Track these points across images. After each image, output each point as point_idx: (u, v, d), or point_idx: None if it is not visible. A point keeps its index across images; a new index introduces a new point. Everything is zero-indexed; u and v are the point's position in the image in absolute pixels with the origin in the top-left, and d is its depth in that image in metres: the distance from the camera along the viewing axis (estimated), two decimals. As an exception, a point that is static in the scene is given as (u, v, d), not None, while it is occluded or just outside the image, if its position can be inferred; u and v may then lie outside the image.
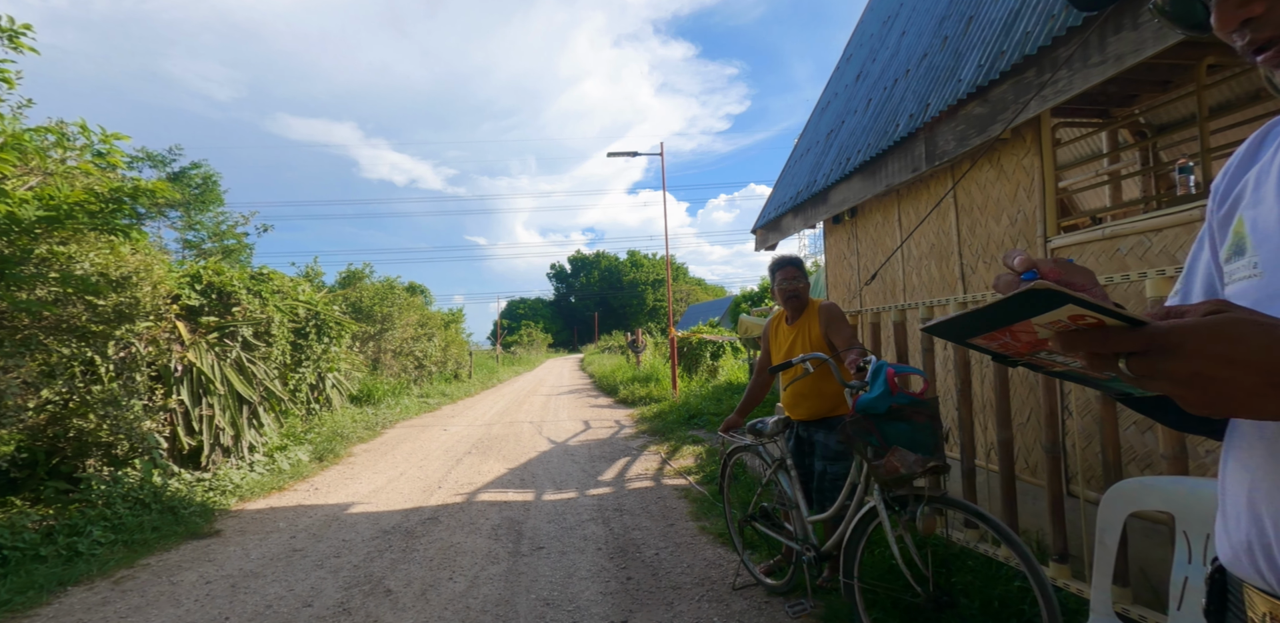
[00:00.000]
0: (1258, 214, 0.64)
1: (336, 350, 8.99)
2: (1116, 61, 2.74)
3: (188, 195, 19.67)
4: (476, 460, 6.92)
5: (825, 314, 3.00)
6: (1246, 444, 0.61)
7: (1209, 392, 0.47)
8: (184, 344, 5.85)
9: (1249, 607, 0.62)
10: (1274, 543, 0.58)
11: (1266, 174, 0.65)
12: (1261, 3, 0.54)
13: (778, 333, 3.22)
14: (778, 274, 3.13)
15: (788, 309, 3.15)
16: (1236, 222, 0.67)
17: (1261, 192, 0.64)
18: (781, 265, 3.14)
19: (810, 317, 3.07)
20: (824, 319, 2.99)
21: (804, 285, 3.08)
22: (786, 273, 3.10)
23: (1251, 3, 0.54)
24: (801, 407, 3.04)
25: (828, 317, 2.99)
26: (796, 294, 3.07)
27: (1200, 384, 0.47)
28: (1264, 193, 0.64)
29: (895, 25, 6.36)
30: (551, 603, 3.11)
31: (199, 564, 3.81)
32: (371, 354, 13.65)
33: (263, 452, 6.37)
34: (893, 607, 2.58)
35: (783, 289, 3.09)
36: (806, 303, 3.11)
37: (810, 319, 3.06)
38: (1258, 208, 0.64)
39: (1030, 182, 3.59)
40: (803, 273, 3.11)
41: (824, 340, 2.99)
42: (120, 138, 4.90)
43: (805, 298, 3.10)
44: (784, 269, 3.11)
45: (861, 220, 5.63)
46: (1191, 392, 0.47)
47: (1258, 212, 0.64)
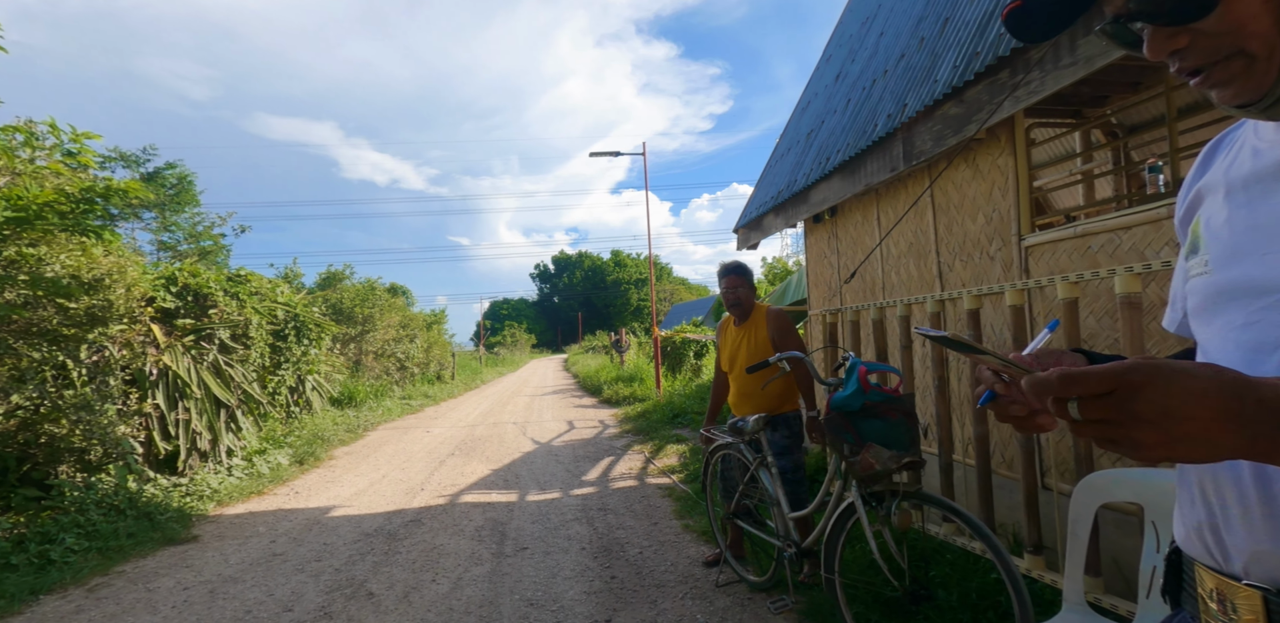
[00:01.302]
0: (1210, 216, 0.69)
1: (316, 353, 8.89)
2: (1086, 63, 2.79)
3: (162, 196, 19.32)
4: (460, 462, 6.89)
5: (776, 321, 3.23)
6: None
7: (1172, 431, 0.47)
8: (159, 347, 5.75)
9: (1199, 584, 0.65)
10: (1221, 524, 0.62)
11: (1217, 180, 0.70)
12: (1185, 37, 0.58)
13: (726, 335, 3.45)
14: (722, 282, 3.36)
15: (733, 314, 3.39)
16: (1194, 222, 0.73)
17: (1213, 196, 0.70)
18: (725, 274, 3.36)
19: (758, 321, 3.28)
20: (774, 325, 3.22)
21: (746, 294, 3.31)
22: (730, 282, 3.32)
23: (1177, 36, 0.58)
24: (747, 406, 3.25)
25: (778, 324, 3.22)
26: (739, 302, 3.31)
27: (1166, 423, 0.47)
28: (1215, 197, 0.69)
29: (874, 26, 6.43)
30: (535, 603, 3.10)
31: (176, 570, 3.75)
32: (353, 356, 13.52)
33: (241, 456, 6.29)
34: (873, 601, 2.62)
35: (726, 297, 3.33)
36: (750, 308, 3.33)
37: (758, 323, 3.28)
38: (1210, 210, 0.70)
39: (1005, 181, 3.65)
40: (745, 281, 3.34)
41: (770, 344, 3.21)
42: (91, 137, 4.81)
43: (748, 304, 3.33)
44: (728, 278, 3.33)
45: (841, 219, 5.68)
46: (1151, 431, 0.47)
47: (1210, 214, 0.69)
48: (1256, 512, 0.58)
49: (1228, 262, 0.64)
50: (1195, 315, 0.70)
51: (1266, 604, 0.56)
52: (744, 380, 3.22)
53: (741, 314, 3.33)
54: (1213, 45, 0.57)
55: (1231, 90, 0.59)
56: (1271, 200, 0.61)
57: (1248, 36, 0.56)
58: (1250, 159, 0.66)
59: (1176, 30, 0.58)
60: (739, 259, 3.59)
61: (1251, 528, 0.58)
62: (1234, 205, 0.66)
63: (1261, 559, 0.57)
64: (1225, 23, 0.56)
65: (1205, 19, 0.56)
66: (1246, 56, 0.57)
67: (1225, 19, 0.55)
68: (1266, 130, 0.65)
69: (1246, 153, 0.67)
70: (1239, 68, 0.58)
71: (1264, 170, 0.63)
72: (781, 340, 3.19)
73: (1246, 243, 0.62)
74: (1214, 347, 0.66)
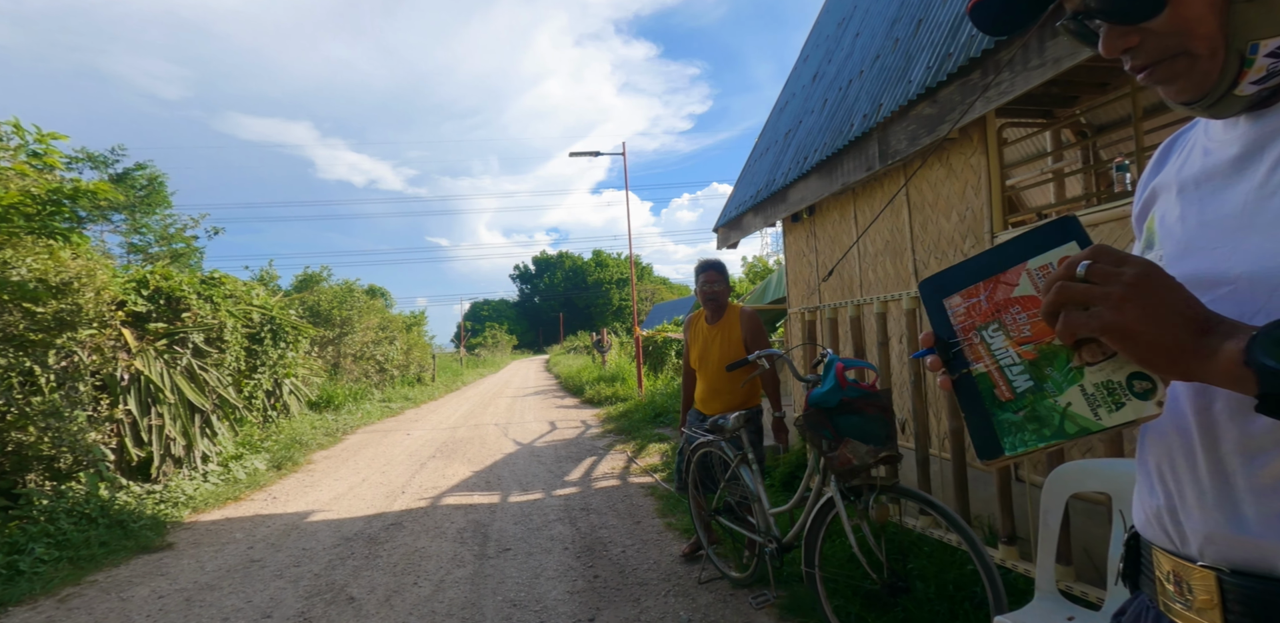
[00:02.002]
0: (1164, 213, 0.72)
1: (293, 355, 8.77)
2: (1055, 64, 2.85)
3: (132, 197, 18.91)
4: (441, 464, 6.84)
5: (750, 322, 3.27)
6: (1159, 423, 0.67)
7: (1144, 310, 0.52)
8: (130, 352, 5.64)
9: (1157, 567, 0.68)
10: (1178, 508, 0.64)
11: (1170, 178, 0.73)
12: (1136, 35, 0.61)
13: (696, 332, 3.45)
14: (700, 277, 3.36)
15: (707, 310, 3.39)
16: (1149, 219, 0.75)
17: (1167, 194, 0.73)
18: (704, 269, 3.36)
19: (731, 320, 3.32)
20: (748, 326, 3.27)
21: (723, 289, 3.33)
22: (709, 277, 3.33)
23: (1129, 35, 0.62)
24: (716, 402, 3.31)
25: (752, 325, 3.27)
26: (716, 297, 3.32)
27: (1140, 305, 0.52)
28: (1169, 195, 0.72)
29: (850, 27, 6.50)
30: (518, 604, 3.10)
31: (151, 579, 3.68)
32: (331, 359, 13.36)
33: (217, 461, 6.18)
34: (853, 594, 2.65)
35: (704, 291, 3.33)
36: (725, 306, 3.36)
37: (731, 322, 3.31)
38: (1164, 208, 0.73)
39: (978, 179, 3.72)
40: (724, 277, 3.36)
41: (742, 344, 3.26)
42: (58, 137, 4.70)
43: (724, 301, 3.36)
44: (706, 273, 3.34)
45: (819, 218, 5.74)
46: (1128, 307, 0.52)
47: (1164, 211, 0.72)
48: (1211, 496, 0.60)
49: (1181, 257, 0.67)
50: None
51: (1220, 584, 0.58)
52: (715, 378, 3.26)
53: (716, 311, 3.36)
54: (1161, 44, 0.60)
55: (1175, 87, 0.62)
56: (1220, 198, 0.64)
57: (1193, 37, 0.59)
58: (1201, 158, 0.69)
59: (1129, 29, 0.61)
60: (717, 257, 3.60)
61: (1206, 512, 0.60)
62: (1186, 203, 0.68)
63: (1216, 541, 0.59)
64: (1173, 23, 0.59)
65: (1155, 19, 0.59)
66: (1190, 56, 0.60)
67: (1173, 20, 0.58)
68: (1216, 130, 0.68)
69: (1198, 152, 0.70)
70: (1183, 66, 0.61)
71: (1213, 169, 0.66)
72: (754, 341, 3.24)
73: (1198, 238, 0.65)
74: None
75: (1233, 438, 0.58)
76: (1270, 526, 0.55)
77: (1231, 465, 0.58)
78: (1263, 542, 0.56)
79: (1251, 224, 0.59)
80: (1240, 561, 0.58)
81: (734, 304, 3.38)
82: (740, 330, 3.28)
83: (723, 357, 3.27)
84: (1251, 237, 0.59)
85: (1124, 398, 0.55)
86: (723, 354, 3.28)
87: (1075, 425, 0.58)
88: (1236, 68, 0.58)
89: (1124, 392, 0.55)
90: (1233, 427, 0.58)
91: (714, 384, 3.30)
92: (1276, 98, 0.61)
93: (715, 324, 3.37)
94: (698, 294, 3.39)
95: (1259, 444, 0.56)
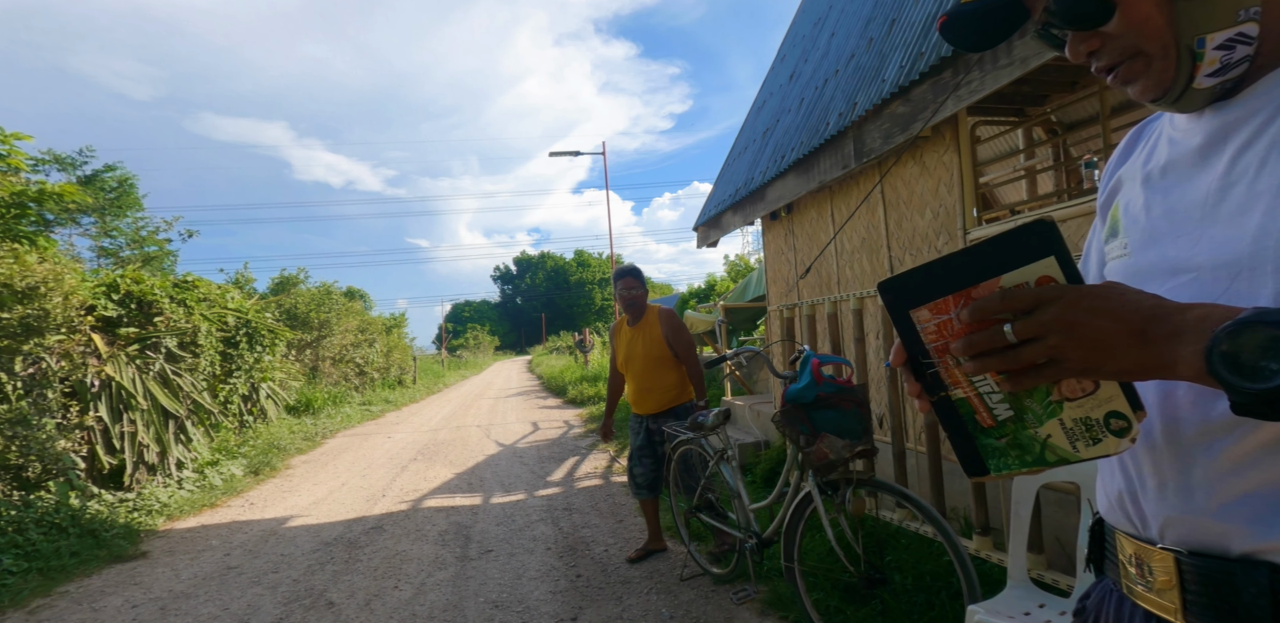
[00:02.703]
0: (1129, 201, 0.73)
1: (270, 359, 8.65)
2: (1022, 63, 2.90)
3: (102, 200, 18.48)
4: (422, 467, 6.78)
5: (668, 320, 3.44)
6: None
7: (1084, 342, 0.52)
8: (101, 357, 5.52)
9: (1120, 551, 0.69)
10: (1139, 492, 0.65)
11: (1135, 168, 0.75)
12: (1096, 40, 0.64)
13: (620, 335, 3.61)
14: (619, 283, 3.51)
15: (629, 314, 3.53)
16: (1114, 208, 0.77)
17: (1132, 183, 0.74)
18: (623, 275, 3.52)
19: (651, 319, 3.48)
20: (666, 324, 3.42)
21: (641, 294, 3.50)
22: (627, 283, 3.49)
23: (1089, 39, 0.64)
24: (648, 401, 3.46)
25: (670, 322, 3.43)
26: (635, 302, 3.49)
27: (1077, 334, 0.52)
28: (1134, 184, 0.74)
29: (825, 26, 6.55)
30: (500, 605, 3.09)
31: (124, 588, 3.61)
32: (309, 362, 13.19)
33: (192, 468, 6.08)
34: (832, 587, 2.68)
35: (624, 297, 3.48)
36: (644, 309, 3.52)
37: (651, 322, 3.47)
38: (1129, 196, 0.74)
39: (950, 177, 3.77)
40: (641, 282, 3.53)
41: (664, 340, 3.41)
42: (22, 138, 4.59)
43: (643, 304, 3.52)
44: (624, 279, 3.50)
45: (797, 216, 5.78)
46: (1069, 342, 0.52)
47: (1129, 199, 0.74)
48: (1171, 480, 0.61)
49: (1145, 245, 0.68)
50: None
51: (1179, 566, 0.60)
52: (642, 376, 3.43)
53: (636, 314, 3.50)
54: (1118, 46, 0.63)
55: (1139, 87, 0.64)
56: (1184, 186, 0.66)
57: (1144, 37, 0.61)
58: (1166, 148, 0.70)
59: (1088, 34, 0.64)
60: (633, 263, 3.88)
61: (1166, 495, 0.62)
62: (1150, 191, 0.70)
63: (1175, 524, 0.61)
64: (1124, 25, 0.61)
65: (1108, 23, 0.62)
66: (1146, 56, 0.62)
67: (1124, 22, 0.61)
68: (1180, 120, 0.69)
69: (1163, 142, 0.72)
70: (1141, 66, 0.63)
71: (1178, 158, 0.68)
72: (674, 337, 3.39)
73: (1162, 226, 0.67)
74: None
75: (1193, 423, 0.59)
76: (1227, 508, 0.57)
77: (1191, 450, 0.60)
78: (1219, 523, 0.57)
79: (1214, 213, 0.61)
80: (1198, 542, 0.59)
81: (653, 305, 3.55)
82: (660, 328, 3.42)
83: (646, 355, 3.41)
84: (1214, 226, 0.61)
85: (1101, 435, 0.57)
86: (646, 353, 3.41)
87: (1055, 455, 0.59)
88: (1190, 63, 0.60)
89: (1101, 429, 0.57)
90: (1194, 412, 0.59)
91: (642, 383, 3.44)
92: (1238, 89, 0.62)
93: (636, 326, 3.51)
94: (617, 299, 3.53)
95: (1218, 429, 0.57)
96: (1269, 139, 0.58)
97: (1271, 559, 0.54)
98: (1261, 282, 0.55)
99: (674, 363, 3.44)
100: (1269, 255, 0.55)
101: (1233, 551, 0.57)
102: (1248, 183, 0.59)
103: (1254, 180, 0.58)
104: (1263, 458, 0.55)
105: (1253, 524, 0.55)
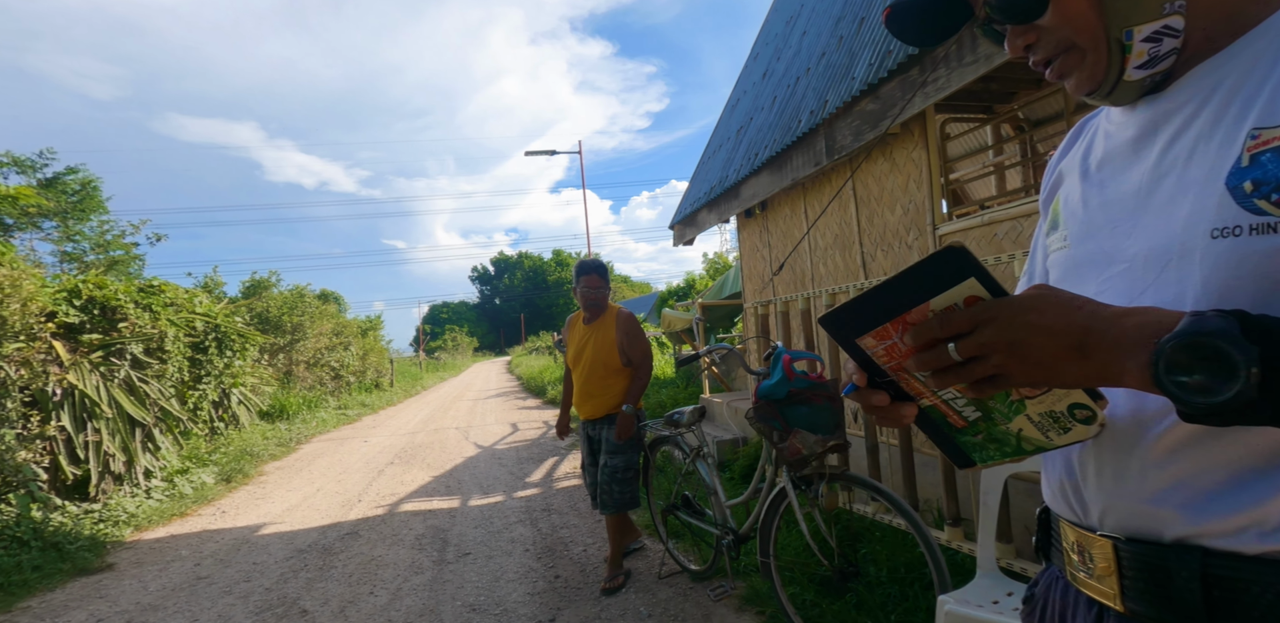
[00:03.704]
0: (1068, 195, 0.75)
1: (241, 364, 8.48)
2: (986, 60, 2.94)
3: (63, 203, 17.99)
4: (399, 471, 6.70)
5: (626, 324, 3.22)
6: None
7: (1026, 360, 0.53)
8: (63, 365, 5.36)
9: (1063, 538, 0.71)
10: (1079, 481, 0.67)
11: (1074, 162, 0.76)
12: (1033, 34, 0.65)
13: (574, 332, 3.40)
14: (582, 280, 3.26)
15: (587, 312, 3.31)
16: (1055, 201, 0.78)
17: (1071, 177, 0.76)
18: (586, 272, 3.27)
19: (608, 321, 3.26)
20: (623, 329, 3.21)
21: (604, 293, 3.27)
22: (590, 281, 3.24)
23: (1026, 34, 0.65)
24: (588, 405, 3.24)
25: (627, 327, 3.22)
26: (597, 303, 3.25)
27: (1017, 353, 0.53)
28: (1073, 178, 0.75)
29: (797, 25, 6.59)
30: (478, 609, 3.06)
31: (89, 602, 3.51)
32: (282, 367, 12.96)
33: (161, 476, 5.93)
34: (808, 581, 2.70)
35: (585, 295, 3.24)
36: (605, 308, 3.30)
37: (608, 324, 3.25)
38: (1068, 190, 0.75)
39: (919, 173, 3.81)
40: (605, 282, 3.29)
41: (616, 346, 3.20)
42: (-29, 140, 4.43)
43: (604, 303, 3.28)
44: (588, 276, 3.25)
45: (771, 213, 5.81)
46: (1010, 361, 0.53)
47: (1068, 193, 0.75)
48: (1109, 467, 0.63)
49: (1083, 236, 0.70)
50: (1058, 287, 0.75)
51: (1117, 552, 0.61)
52: (587, 379, 3.23)
53: (595, 313, 3.29)
54: (1053, 39, 0.64)
55: (1074, 80, 0.65)
56: (1119, 178, 0.67)
57: (1076, 30, 0.62)
58: (1103, 142, 0.72)
59: (1025, 28, 0.65)
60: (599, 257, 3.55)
61: (1105, 483, 0.63)
62: (1088, 185, 0.71)
63: (1113, 511, 0.62)
64: (1057, 19, 0.62)
65: (1043, 17, 0.63)
66: (1079, 49, 0.63)
67: (1057, 16, 0.62)
68: (1115, 115, 0.71)
69: (1100, 136, 0.73)
70: (1075, 59, 0.64)
71: (1113, 151, 0.69)
72: (629, 343, 3.20)
73: (1098, 218, 0.68)
74: None
75: (1128, 413, 0.60)
76: (1160, 494, 0.58)
77: (1127, 439, 0.61)
78: (1154, 509, 0.59)
79: (1146, 204, 0.62)
80: (1135, 528, 0.60)
81: (613, 305, 3.34)
82: (615, 332, 3.22)
83: (595, 358, 3.21)
84: (1145, 216, 0.62)
85: (1069, 424, 0.60)
86: (595, 356, 3.22)
87: (1031, 445, 0.62)
88: (1119, 55, 0.61)
89: (1067, 419, 0.59)
90: (1128, 402, 0.60)
91: (586, 386, 3.25)
92: (1168, 82, 0.64)
93: (591, 324, 3.30)
94: (577, 295, 3.31)
95: (1151, 419, 0.59)
96: (1196, 130, 0.59)
97: (1203, 544, 0.56)
98: (1190, 270, 0.56)
99: (622, 371, 3.22)
100: (1197, 244, 0.56)
101: (1166, 536, 0.58)
102: (1177, 174, 0.60)
103: (1183, 171, 0.59)
104: (1193, 446, 0.56)
105: (1184, 510, 0.57)
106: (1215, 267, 0.54)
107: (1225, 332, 0.45)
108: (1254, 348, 0.44)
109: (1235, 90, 0.57)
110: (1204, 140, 0.58)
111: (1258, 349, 0.44)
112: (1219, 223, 0.54)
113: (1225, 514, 0.54)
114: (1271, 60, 0.56)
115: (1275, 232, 0.51)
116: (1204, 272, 0.55)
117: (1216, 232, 0.54)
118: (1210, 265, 0.54)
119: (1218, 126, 0.58)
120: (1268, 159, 0.52)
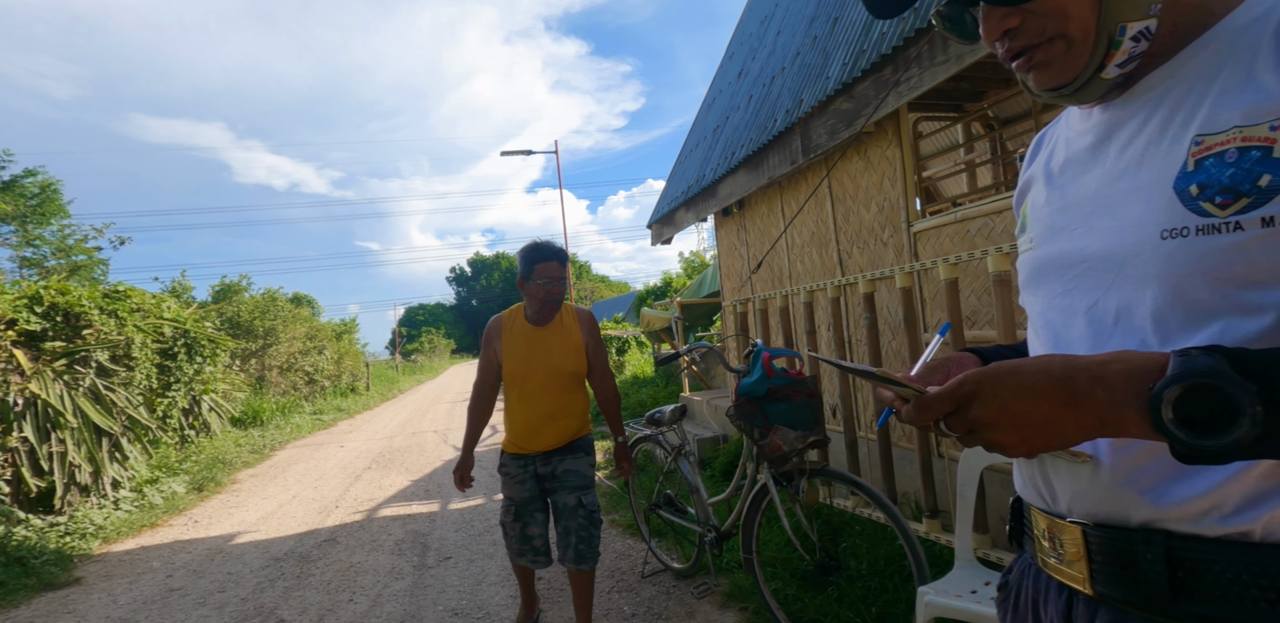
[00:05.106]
0: (1034, 199, 0.78)
1: (212, 370, 8.29)
2: (958, 60, 2.99)
3: (22, 207, 17.47)
4: (377, 475, 6.61)
5: (590, 323, 2.60)
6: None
7: (1023, 426, 0.54)
8: (24, 374, 5.20)
9: (1035, 526, 0.73)
10: (1050, 471, 0.69)
11: (1039, 168, 0.79)
12: (1017, 17, 0.64)
13: (511, 333, 2.53)
14: (538, 267, 2.42)
15: (544, 310, 2.48)
16: (1024, 204, 0.81)
17: (1037, 182, 0.79)
18: (546, 257, 2.44)
19: (568, 323, 2.55)
20: (587, 328, 2.57)
21: (564, 287, 2.55)
22: (551, 269, 2.43)
23: (1011, 16, 0.64)
24: (547, 432, 2.50)
25: (592, 328, 2.59)
26: (557, 298, 2.47)
27: (1011, 421, 0.54)
28: (1038, 183, 0.78)
29: (772, 25, 6.63)
30: (460, 613, 3.03)
31: (55, 618, 3.40)
32: (255, 372, 12.71)
33: (129, 487, 5.77)
34: (791, 576, 2.72)
35: (545, 288, 2.43)
36: (560, 307, 2.55)
37: (568, 326, 2.54)
38: (1034, 194, 0.78)
39: (893, 171, 3.86)
40: (566, 269, 2.56)
41: (584, 351, 2.53)
42: (-78, 142, 4.27)
43: (561, 301, 2.53)
44: (546, 264, 2.43)
45: (749, 212, 5.84)
46: (1009, 434, 0.54)
47: (1034, 197, 0.78)
48: None
49: (1047, 238, 0.72)
50: (1025, 288, 0.78)
51: (1085, 538, 0.63)
52: (544, 398, 2.47)
53: (550, 312, 2.50)
54: (1040, 26, 0.63)
55: (1048, 73, 0.65)
56: (1079, 181, 0.70)
57: (1070, 19, 0.62)
58: (1064, 147, 0.75)
59: (1011, 10, 0.64)
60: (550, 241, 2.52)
61: (1072, 472, 0.65)
62: (1051, 188, 0.74)
63: (1081, 498, 0.64)
64: (1051, 4, 0.62)
65: (1036, 0, 0.62)
66: (1066, 39, 0.63)
67: (1051, 1, 0.61)
68: (1075, 121, 0.74)
69: (1061, 142, 0.76)
70: (1059, 50, 0.64)
71: (1073, 156, 0.72)
72: (596, 347, 2.57)
73: (1061, 220, 0.71)
74: (1039, 314, 0.74)
75: None
76: (1125, 479, 0.60)
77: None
78: (1119, 494, 0.61)
79: (1103, 206, 0.65)
80: (1102, 514, 0.63)
81: (567, 303, 2.62)
82: (580, 334, 2.54)
83: (557, 369, 2.47)
84: (1103, 217, 0.64)
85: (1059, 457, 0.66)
86: (558, 365, 2.48)
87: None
88: (1104, 50, 0.62)
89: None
90: None
91: (543, 406, 2.47)
92: (1125, 86, 0.65)
93: (545, 326, 2.51)
94: (527, 289, 2.48)
95: None
96: (1146, 136, 0.62)
97: (1167, 527, 0.58)
98: (1145, 269, 0.58)
99: (583, 384, 2.58)
100: (1149, 245, 0.58)
101: (1132, 521, 0.60)
102: (1130, 178, 0.62)
103: (1135, 175, 0.62)
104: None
105: (1148, 495, 0.59)
106: (1167, 266, 0.56)
107: (1219, 371, 0.45)
108: (1252, 385, 0.44)
109: (1182, 98, 0.60)
110: (1154, 146, 0.61)
111: (1255, 386, 0.44)
112: (1168, 224, 0.57)
113: (1186, 499, 0.56)
114: (1215, 69, 0.58)
115: (1219, 232, 0.53)
116: (1157, 270, 0.57)
117: (1166, 233, 0.57)
118: (1162, 264, 0.57)
119: (1165, 133, 0.60)
120: (1210, 164, 0.55)
